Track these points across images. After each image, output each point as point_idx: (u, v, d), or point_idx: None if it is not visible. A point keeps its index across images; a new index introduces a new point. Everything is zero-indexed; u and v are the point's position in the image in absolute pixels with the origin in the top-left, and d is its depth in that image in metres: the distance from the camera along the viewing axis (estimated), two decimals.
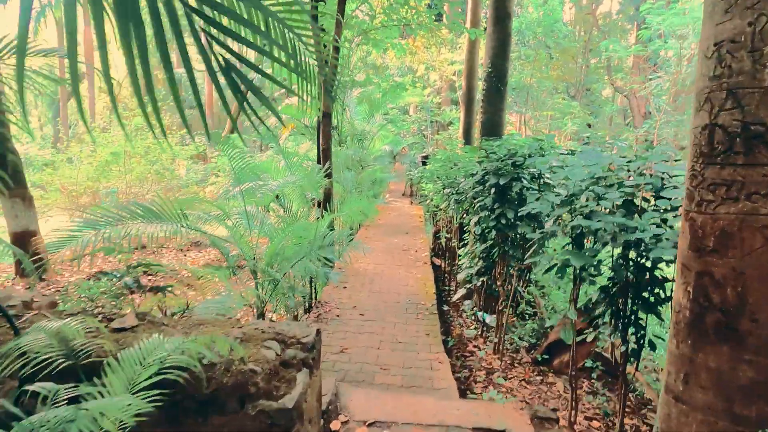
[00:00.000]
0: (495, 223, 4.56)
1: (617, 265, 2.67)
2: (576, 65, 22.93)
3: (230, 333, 2.03)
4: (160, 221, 3.63)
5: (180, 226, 3.70)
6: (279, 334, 2.11)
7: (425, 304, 5.43)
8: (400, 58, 11.55)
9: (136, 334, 1.97)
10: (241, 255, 4.40)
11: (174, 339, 1.73)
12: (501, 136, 7.41)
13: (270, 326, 2.17)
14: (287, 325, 2.20)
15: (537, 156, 4.33)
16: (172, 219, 3.66)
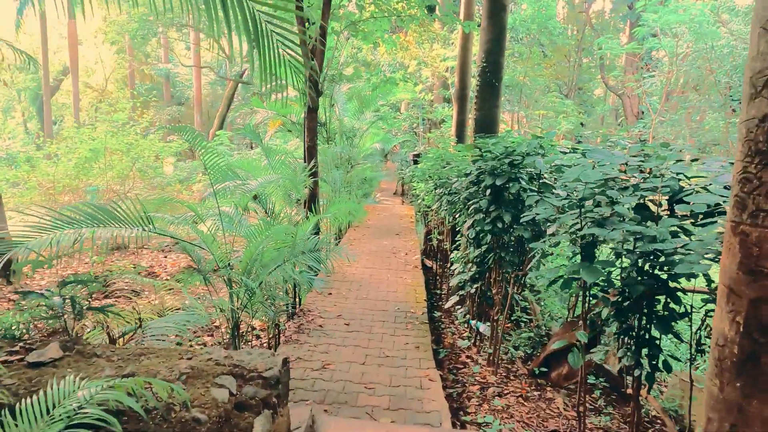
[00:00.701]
0: (491, 227, 4.23)
1: (631, 278, 2.35)
2: (568, 64, 22.71)
3: (176, 366, 1.67)
4: (120, 225, 3.25)
5: (143, 230, 3.32)
6: (236, 366, 1.75)
7: (415, 313, 5.09)
8: (391, 53, 11.19)
9: (57, 370, 1.60)
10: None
11: (95, 382, 1.37)
12: (496, 134, 7.09)
13: (227, 356, 1.81)
14: (247, 355, 1.84)
15: (535, 155, 4.01)
16: (133, 223, 3.28)
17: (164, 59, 30.98)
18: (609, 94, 28.08)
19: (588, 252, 2.42)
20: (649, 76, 16.46)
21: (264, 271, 3.87)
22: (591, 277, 2.17)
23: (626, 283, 2.36)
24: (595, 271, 2.19)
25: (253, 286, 3.62)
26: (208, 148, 3.77)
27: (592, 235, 2.27)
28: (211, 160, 3.77)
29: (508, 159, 4.14)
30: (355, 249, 7.78)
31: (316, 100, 6.20)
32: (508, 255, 4.31)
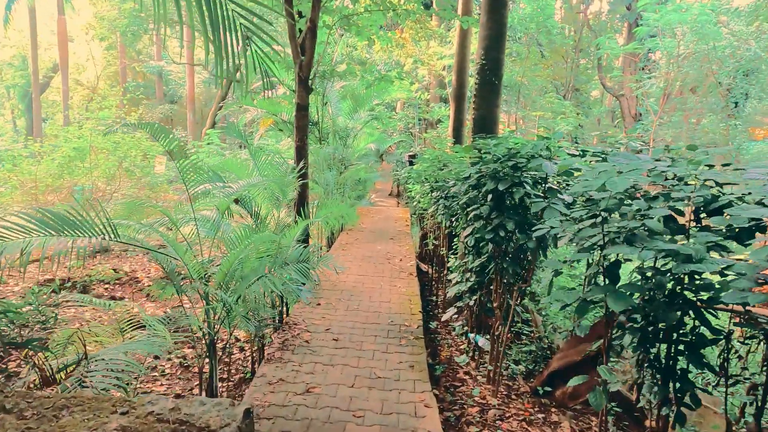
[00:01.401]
0: (492, 235, 3.89)
1: (659, 303, 2.01)
2: (566, 65, 22.49)
3: (103, 427, 1.31)
4: (76, 233, 2.89)
5: (103, 239, 2.96)
6: (184, 423, 1.39)
7: (410, 326, 4.74)
8: (386, 50, 10.84)
9: None
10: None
11: None
12: (495, 134, 6.75)
13: (173, 408, 1.45)
14: (200, 406, 1.48)
15: (542, 157, 3.67)
16: (92, 231, 2.91)
17: (157, 57, 30.47)
18: (605, 96, 27.88)
19: (612, 272, 2.07)
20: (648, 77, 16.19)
21: (244, 283, 3.51)
22: (618, 305, 1.82)
23: (653, 308, 2.02)
24: (622, 297, 1.84)
25: (230, 301, 3.26)
26: (179, 146, 3.40)
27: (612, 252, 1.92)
28: (185, 160, 3.40)
29: (511, 162, 3.79)
30: (348, 254, 7.42)
31: (305, 97, 5.84)
32: (510, 265, 3.97)
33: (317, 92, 8.65)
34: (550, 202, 3.42)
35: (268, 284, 3.36)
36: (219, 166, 5.75)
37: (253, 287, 3.40)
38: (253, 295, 3.41)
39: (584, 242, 2.12)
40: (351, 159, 10.79)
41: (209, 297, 3.49)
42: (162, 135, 3.32)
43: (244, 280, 3.54)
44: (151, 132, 3.31)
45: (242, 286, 3.46)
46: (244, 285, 3.47)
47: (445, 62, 11.41)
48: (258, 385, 3.44)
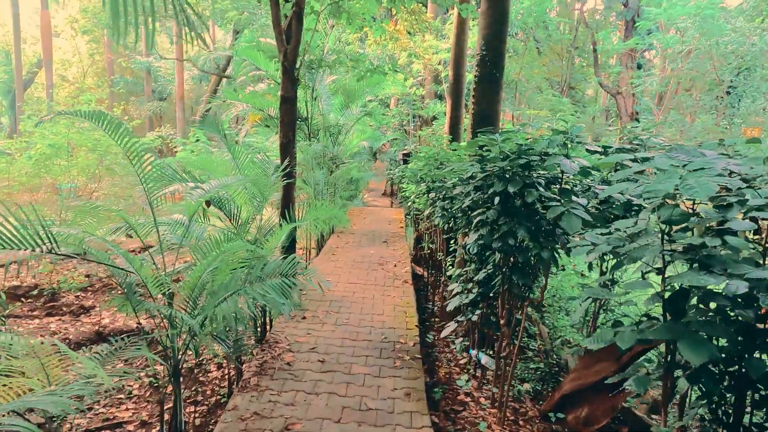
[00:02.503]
0: (500, 244, 3.40)
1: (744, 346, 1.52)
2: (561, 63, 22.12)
3: None
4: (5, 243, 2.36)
5: (38, 251, 2.43)
6: None
7: (405, 343, 4.24)
8: (379, 44, 10.32)
9: None
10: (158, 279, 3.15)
11: None
12: (496, 129, 6.28)
13: None
14: None
15: (559, 154, 3.19)
16: (21, 241, 2.39)
17: (145, 52, 29.73)
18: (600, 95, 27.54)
19: (677, 305, 1.58)
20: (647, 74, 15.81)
21: (213, 301, 2.99)
22: (698, 355, 1.32)
23: (726, 353, 1.54)
24: (702, 345, 1.34)
25: (193, 323, 2.75)
26: (132, 144, 2.88)
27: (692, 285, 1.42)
28: (137, 157, 2.88)
29: (522, 159, 3.31)
30: (338, 259, 6.91)
31: (291, 88, 5.32)
32: (521, 278, 3.48)
33: (305, 86, 8.12)
34: (568, 207, 2.95)
35: (240, 302, 2.86)
36: (194, 163, 5.23)
37: (223, 305, 2.89)
38: (224, 313, 2.89)
39: (631, 261, 1.62)
40: (342, 157, 10.28)
41: (172, 318, 2.98)
42: (112, 127, 2.79)
43: (213, 297, 3.03)
44: (97, 122, 2.79)
45: (210, 305, 2.95)
46: (213, 303, 2.96)
47: (441, 56, 10.92)
48: (228, 421, 2.93)
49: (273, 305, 3.49)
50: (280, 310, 3.85)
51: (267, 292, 2.90)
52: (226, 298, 2.96)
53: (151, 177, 3.07)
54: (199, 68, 25.29)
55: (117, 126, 2.79)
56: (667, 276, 1.54)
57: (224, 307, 2.87)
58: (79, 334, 5.72)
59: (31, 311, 6.43)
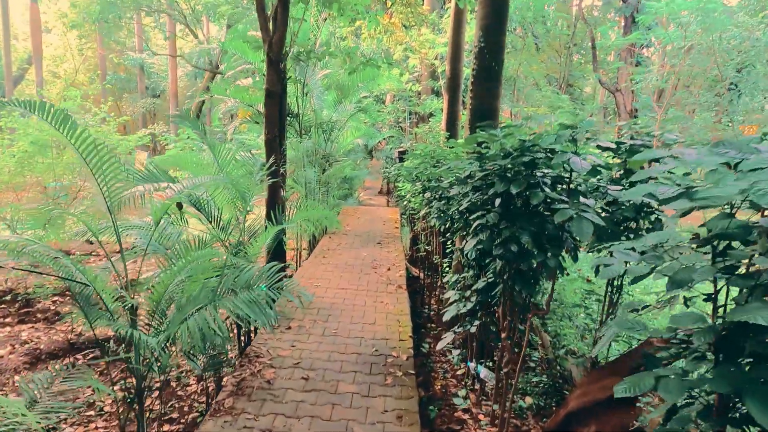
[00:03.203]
0: (501, 250, 3.07)
1: None
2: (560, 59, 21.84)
3: None
4: None
5: None
6: None
7: (398, 357, 3.91)
8: (374, 38, 9.97)
9: None
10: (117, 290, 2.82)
11: None
12: (495, 125, 5.94)
13: None
14: None
15: (567, 151, 2.86)
16: None
17: (138, 48, 29.26)
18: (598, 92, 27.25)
19: (734, 345, 1.24)
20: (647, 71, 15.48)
21: (180, 315, 2.66)
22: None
23: None
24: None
25: (154, 344, 2.41)
26: (84, 139, 2.54)
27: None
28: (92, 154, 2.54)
29: (526, 157, 2.98)
30: (329, 262, 6.57)
31: (276, 81, 4.97)
32: (524, 287, 3.16)
33: (296, 80, 7.76)
34: (578, 210, 2.62)
35: (209, 318, 2.52)
36: (171, 162, 4.89)
37: (190, 322, 2.55)
38: (192, 330, 2.56)
39: (677, 286, 1.29)
40: (336, 155, 9.93)
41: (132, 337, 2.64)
42: (59, 120, 2.45)
43: (181, 311, 2.69)
44: (40, 114, 2.44)
45: (176, 321, 2.61)
46: (179, 319, 2.62)
47: (438, 51, 10.56)
48: None
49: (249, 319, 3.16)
50: (264, 322, 3.52)
51: (240, 307, 2.57)
52: (194, 312, 2.63)
53: (110, 175, 2.72)
54: (193, 64, 24.89)
55: (64, 119, 2.44)
56: (720, 305, 1.21)
57: (191, 324, 2.53)
58: (51, 343, 5.37)
59: (3, 317, 6.07)
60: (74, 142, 2.55)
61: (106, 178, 2.69)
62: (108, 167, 2.64)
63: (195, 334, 2.47)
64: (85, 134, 2.54)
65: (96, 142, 2.57)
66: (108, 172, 2.67)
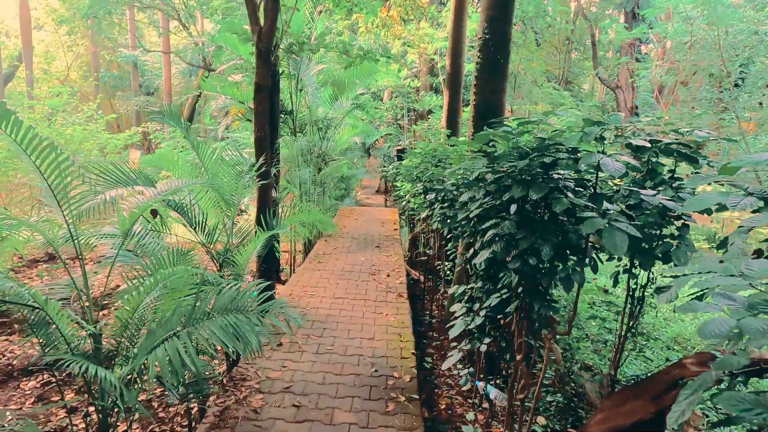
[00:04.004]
0: (518, 263, 2.71)
1: None
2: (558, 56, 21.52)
3: None
4: None
5: None
6: None
7: (400, 378, 3.54)
8: (371, 32, 9.58)
9: None
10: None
11: None
12: (500, 123, 5.58)
13: None
14: None
15: (594, 151, 2.50)
16: None
17: (132, 45, 28.76)
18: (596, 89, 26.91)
19: None
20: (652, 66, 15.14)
21: (149, 342, 2.28)
22: None
23: None
24: None
25: (115, 381, 2.03)
26: (30, 137, 2.16)
27: None
28: (39, 155, 2.16)
29: (547, 158, 2.61)
30: (324, 268, 6.19)
31: (266, 74, 4.59)
32: (544, 306, 2.79)
33: (290, 75, 7.37)
34: (610, 220, 2.27)
35: (180, 348, 2.15)
36: (152, 162, 4.51)
37: (158, 352, 2.18)
38: (165, 360, 2.19)
39: None
40: (332, 153, 9.55)
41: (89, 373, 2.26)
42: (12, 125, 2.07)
43: (149, 337, 2.32)
44: None
45: (142, 351, 2.24)
46: (146, 348, 2.25)
47: (437, 45, 10.18)
48: None
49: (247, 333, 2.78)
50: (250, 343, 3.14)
51: (216, 334, 2.19)
52: (167, 338, 2.25)
53: (60, 178, 2.34)
54: (187, 62, 24.42)
55: (5, 114, 2.06)
56: None
57: (160, 354, 2.15)
58: (25, 358, 4.99)
59: None
60: (20, 143, 2.17)
61: (61, 182, 2.31)
62: (55, 169, 2.26)
63: (164, 366, 2.09)
64: (32, 134, 2.16)
65: (46, 141, 2.19)
66: (56, 176, 2.29)
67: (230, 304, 2.40)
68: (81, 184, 2.55)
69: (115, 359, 2.60)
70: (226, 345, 2.20)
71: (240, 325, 2.25)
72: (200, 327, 2.23)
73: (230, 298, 2.43)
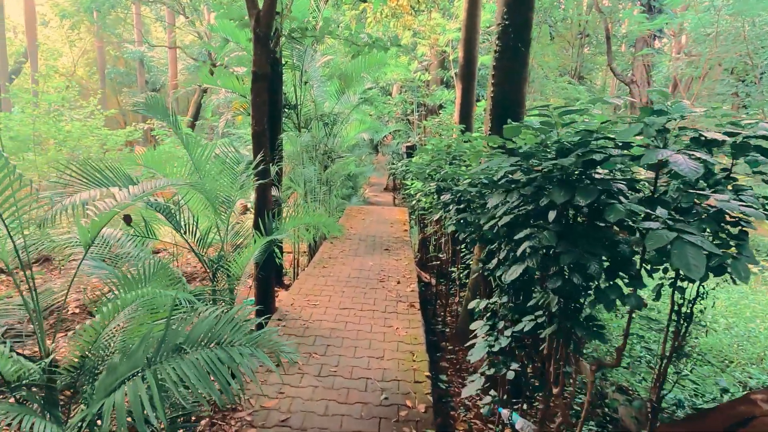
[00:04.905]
0: (559, 282, 2.25)
1: None
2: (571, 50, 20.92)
3: None
4: None
5: None
6: None
7: (414, 408, 3.09)
8: (380, 22, 9.11)
9: None
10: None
11: None
12: (520, 118, 5.10)
13: None
14: None
15: (658, 146, 2.03)
16: None
17: (138, 41, 28.46)
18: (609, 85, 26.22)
19: None
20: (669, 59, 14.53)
21: (109, 381, 1.85)
22: None
23: None
24: None
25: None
26: None
27: None
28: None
29: (596, 154, 2.14)
30: (329, 274, 5.75)
31: (265, 62, 4.14)
32: (590, 335, 2.33)
33: (293, 66, 6.93)
34: (680, 231, 1.81)
35: (142, 393, 1.71)
36: (136, 159, 4.08)
37: (116, 396, 1.75)
38: (122, 408, 1.75)
39: None
40: (339, 150, 9.10)
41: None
42: None
43: (109, 375, 1.89)
44: None
45: (100, 393, 1.81)
46: (106, 388, 1.82)
47: (449, 36, 9.68)
48: None
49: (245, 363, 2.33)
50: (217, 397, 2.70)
51: (188, 376, 1.75)
52: (128, 379, 1.82)
53: None
54: (193, 57, 24.08)
55: None
56: None
57: (118, 401, 1.72)
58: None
59: None
60: None
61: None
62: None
63: (121, 416, 1.66)
64: None
65: None
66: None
67: (208, 335, 1.96)
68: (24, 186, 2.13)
69: (75, 396, 2.18)
70: (203, 387, 1.75)
71: (218, 365, 1.81)
72: (169, 364, 1.79)
73: (208, 326, 1.98)
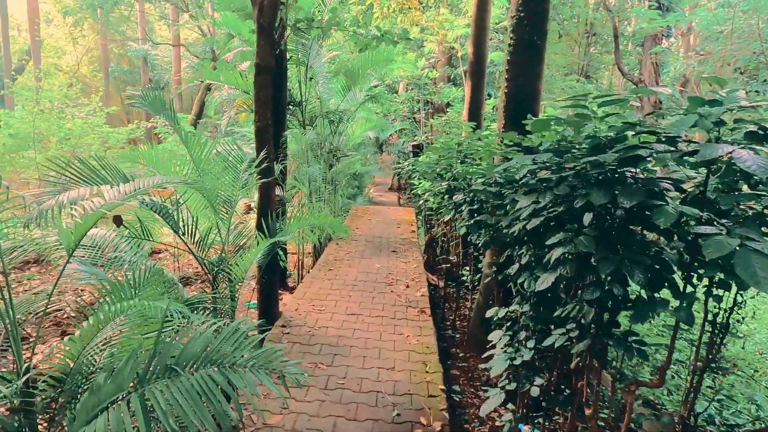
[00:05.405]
0: (597, 293, 2.02)
1: None
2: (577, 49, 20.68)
3: None
4: None
5: None
6: None
7: (429, 426, 2.85)
8: (387, 15, 8.88)
9: None
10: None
11: None
12: (535, 113, 4.87)
13: None
14: None
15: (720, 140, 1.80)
16: None
17: (141, 39, 28.33)
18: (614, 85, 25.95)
19: None
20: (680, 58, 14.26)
21: (90, 402, 1.63)
22: None
23: None
24: None
25: None
26: None
27: None
28: None
29: (642, 150, 1.90)
30: (334, 277, 5.52)
31: (268, 54, 3.91)
32: (628, 352, 2.09)
33: (297, 60, 6.70)
34: (743, 238, 1.57)
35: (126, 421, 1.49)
36: (132, 157, 3.87)
37: (98, 423, 1.52)
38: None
39: None
40: (344, 149, 8.87)
41: None
42: None
43: (92, 396, 1.66)
44: None
45: (81, 417, 1.58)
46: (87, 411, 1.59)
47: (457, 32, 9.44)
48: None
49: None
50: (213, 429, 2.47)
51: (178, 401, 1.53)
52: (111, 404, 1.59)
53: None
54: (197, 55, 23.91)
55: None
56: None
57: (100, 427, 1.49)
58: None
59: None
60: None
61: None
62: None
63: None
64: None
65: None
66: None
67: (203, 353, 1.73)
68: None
69: (57, 416, 1.95)
70: (196, 417, 1.53)
71: (215, 392, 1.59)
72: (158, 388, 1.57)
73: (205, 343, 1.75)
